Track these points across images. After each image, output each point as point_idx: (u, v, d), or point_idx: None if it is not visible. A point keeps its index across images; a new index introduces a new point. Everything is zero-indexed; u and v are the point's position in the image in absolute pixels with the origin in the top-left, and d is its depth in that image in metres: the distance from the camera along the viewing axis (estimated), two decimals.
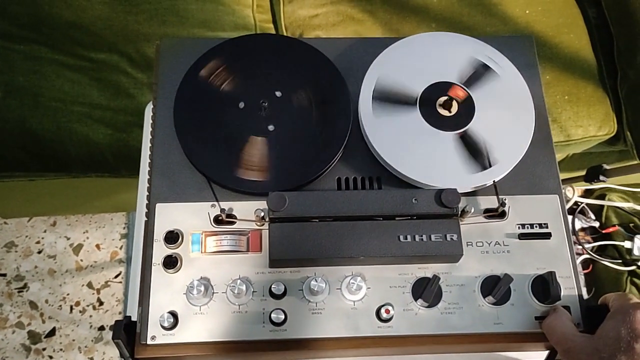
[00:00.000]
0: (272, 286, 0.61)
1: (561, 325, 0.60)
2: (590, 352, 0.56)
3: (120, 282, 1.63)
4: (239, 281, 0.61)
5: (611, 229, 1.61)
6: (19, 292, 1.61)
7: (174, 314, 0.61)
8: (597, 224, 1.66)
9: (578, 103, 1.28)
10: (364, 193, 0.65)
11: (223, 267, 0.63)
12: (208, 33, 1.23)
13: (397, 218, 0.63)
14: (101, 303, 1.61)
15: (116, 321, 0.60)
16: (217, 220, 0.65)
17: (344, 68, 0.73)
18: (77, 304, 1.60)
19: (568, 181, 1.41)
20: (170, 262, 0.62)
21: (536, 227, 0.67)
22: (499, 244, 0.66)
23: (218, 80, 0.71)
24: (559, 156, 1.48)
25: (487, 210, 0.67)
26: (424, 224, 0.63)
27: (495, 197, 0.67)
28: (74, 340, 1.57)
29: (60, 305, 1.60)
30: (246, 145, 0.68)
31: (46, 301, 1.60)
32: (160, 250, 0.63)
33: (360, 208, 0.63)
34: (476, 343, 0.63)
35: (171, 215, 0.65)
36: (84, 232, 1.68)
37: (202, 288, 0.60)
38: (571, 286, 0.64)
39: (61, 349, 1.55)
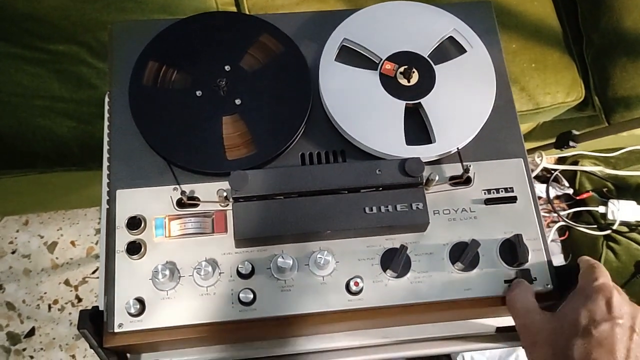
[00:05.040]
0: (239, 266, 0.61)
1: (523, 300, 0.59)
2: (547, 333, 0.55)
3: (98, 278, 1.61)
4: (204, 263, 0.60)
5: (585, 195, 1.63)
6: None
7: (140, 300, 0.59)
8: (571, 191, 1.67)
9: (545, 70, 1.28)
10: (327, 167, 0.64)
11: (189, 250, 0.62)
12: (168, 18, 1.20)
13: (362, 190, 0.62)
14: (80, 300, 1.59)
15: (81, 311, 0.59)
16: (180, 204, 0.64)
17: (302, 42, 0.72)
18: (55, 302, 1.58)
19: (539, 149, 1.42)
20: (134, 248, 0.61)
21: (502, 191, 0.66)
22: (465, 210, 0.65)
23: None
24: (529, 125, 1.48)
25: (452, 178, 0.67)
26: (389, 194, 0.62)
27: (459, 164, 0.67)
28: (54, 338, 1.54)
29: (38, 305, 1.58)
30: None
31: (23, 301, 1.58)
32: (123, 237, 0.62)
33: (323, 182, 0.62)
34: (447, 310, 0.63)
35: (132, 201, 0.64)
36: (57, 230, 1.65)
37: (168, 272, 0.59)
38: (539, 247, 0.64)
39: (42, 349, 1.53)
